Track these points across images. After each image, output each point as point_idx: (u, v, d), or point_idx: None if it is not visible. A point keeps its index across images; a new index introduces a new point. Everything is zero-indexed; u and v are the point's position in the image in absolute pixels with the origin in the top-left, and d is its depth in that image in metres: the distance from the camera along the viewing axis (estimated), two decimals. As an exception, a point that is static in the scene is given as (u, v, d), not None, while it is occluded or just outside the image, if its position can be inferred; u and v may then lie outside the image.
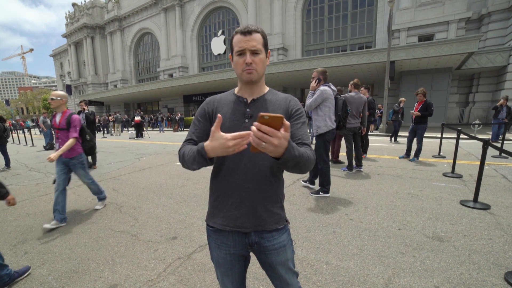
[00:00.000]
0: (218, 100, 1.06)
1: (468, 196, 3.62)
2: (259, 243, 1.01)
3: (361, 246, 2.39)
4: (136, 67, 37.81)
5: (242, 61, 0.93)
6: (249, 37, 0.92)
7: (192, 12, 29.19)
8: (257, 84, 1.01)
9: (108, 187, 4.71)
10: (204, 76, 21.57)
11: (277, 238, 1.02)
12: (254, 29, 0.94)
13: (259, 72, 0.96)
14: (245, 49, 0.93)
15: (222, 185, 1.01)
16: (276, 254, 1.02)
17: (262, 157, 0.96)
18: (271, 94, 1.05)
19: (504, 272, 1.95)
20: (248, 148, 0.87)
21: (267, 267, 1.07)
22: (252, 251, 1.05)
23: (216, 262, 1.08)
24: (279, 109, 1.00)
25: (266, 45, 0.98)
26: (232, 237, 1.02)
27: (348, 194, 3.86)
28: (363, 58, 14.38)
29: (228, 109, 1.01)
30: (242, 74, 0.95)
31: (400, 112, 9.56)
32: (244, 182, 0.97)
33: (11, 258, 2.42)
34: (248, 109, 0.99)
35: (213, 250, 1.08)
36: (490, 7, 15.60)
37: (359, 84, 5.28)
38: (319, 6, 22.35)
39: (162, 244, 2.56)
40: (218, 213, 1.03)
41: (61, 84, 50.78)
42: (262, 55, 0.95)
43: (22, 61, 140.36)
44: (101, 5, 39.70)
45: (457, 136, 4.70)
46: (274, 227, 1.02)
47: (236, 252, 1.04)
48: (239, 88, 1.05)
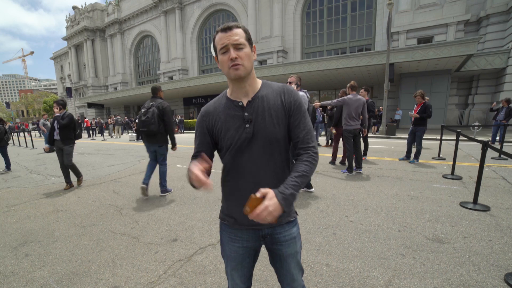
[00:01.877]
0: (213, 110, 1.03)
1: (468, 197, 3.62)
2: (271, 235, 1.05)
3: (361, 248, 2.39)
4: (136, 70, 37.92)
5: (227, 58, 0.91)
6: (230, 33, 0.90)
7: (192, 15, 29.34)
8: (247, 81, 0.97)
9: (108, 189, 4.71)
10: (204, 79, 21.63)
11: (288, 230, 1.06)
12: (234, 24, 0.92)
13: (247, 67, 0.92)
14: (227, 44, 0.90)
15: (233, 182, 1.04)
16: (287, 245, 1.06)
17: (269, 154, 0.98)
18: (265, 88, 1.01)
19: (504, 274, 1.95)
20: (252, 147, 0.95)
21: (276, 259, 1.09)
22: (264, 243, 1.08)
23: (228, 257, 1.09)
24: (276, 108, 0.98)
25: (249, 39, 0.95)
26: (246, 231, 1.05)
27: (348, 196, 3.87)
28: (362, 60, 14.45)
29: (226, 117, 0.99)
30: (229, 71, 0.92)
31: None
32: (254, 179, 0.99)
33: (11, 260, 2.42)
34: (246, 113, 0.97)
35: (226, 244, 1.09)
36: (488, 9, 15.70)
37: (356, 86, 5.29)
38: (318, 9, 22.48)
39: (162, 246, 2.56)
40: (231, 211, 1.06)
41: (62, 86, 50.90)
42: (246, 49, 0.92)
43: (23, 64, 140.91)
44: (101, 8, 39.92)
45: (456, 138, 4.71)
46: (286, 220, 1.05)
47: (249, 245, 1.07)
48: (231, 90, 1.01)
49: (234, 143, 0.97)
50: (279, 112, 0.98)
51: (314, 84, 20.42)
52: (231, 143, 0.98)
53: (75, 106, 40.13)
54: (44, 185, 5.20)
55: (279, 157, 1.01)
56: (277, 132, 0.97)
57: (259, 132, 0.96)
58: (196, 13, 28.89)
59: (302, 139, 0.98)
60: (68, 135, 4.77)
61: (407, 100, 16.44)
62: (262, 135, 0.96)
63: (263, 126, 0.96)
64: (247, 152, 0.97)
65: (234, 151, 0.98)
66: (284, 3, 23.04)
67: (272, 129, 0.96)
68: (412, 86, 16.18)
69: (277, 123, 0.97)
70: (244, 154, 0.98)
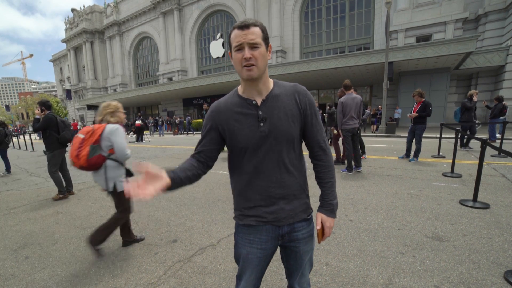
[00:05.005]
0: (224, 107, 1.01)
1: (467, 195, 3.62)
2: (290, 233, 1.05)
3: (360, 247, 2.39)
4: (135, 71, 37.93)
5: (241, 56, 0.89)
6: (246, 31, 0.88)
7: (190, 16, 29.35)
8: (260, 81, 0.96)
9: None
10: (203, 80, 21.64)
11: (306, 227, 1.08)
12: (252, 22, 0.90)
13: (260, 68, 0.91)
14: (243, 43, 0.88)
15: (247, 181, 1.02)
16: (305, 243, 1.07)
17: (285, 151, 0.99)
18: (278, 88, 1.01)
19: (503, 271, 1.95)
20: (267, 145, 0.97)
21: (292, 256, 1.10)
22: (282, 242, 1.07)
23: (244, 260, 1.06)
24: (291, 107, 0.99)
25: (266, 38, 0.93)
26: (265, 232, 1.03)
27: (347, 195, 3.87)
28: (361, 59, 14.45)
29: (238, 116, 0.98)
30: (242, 71, 0.91)
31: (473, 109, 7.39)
32: (269, 177, 0.99)
33: (11, 263, 2.42)
34: (260, 111, 0.96)
35: (242, 247, 1.07)
36: (486, 7, 15.70)
37: (350, 85, 5.28)
38: (316, 9, 22.49)
39: (162, 247, 2.56)
40: (247, 211, 1.04)
41: (61, 89, 50.91)
42: (261, 48, 0.90)
43: (22, 67, 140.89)
44: (100, 10, 39.92)
45: (456, 136, 4.71)
46: (303, 216, 1.06)
47: (267, 247, 1.05)
48: (243, 88, 1.00)
49: (249, 142, 0.97)
50: (294, 111, 0.98)
51: (314, 83, 20.43)
52: (245, 142, 0.97)
53: (75, 108, 40.12)
54: (44, 188, 5.20)
55: (293, 154, 1.02)
56: (293, 131, 0.98)
57: (274, 131, 0.96)
58: (195, 14, 28.91)
59: (318, 140, 1.04)
60: (48, 139, 4.24)
61: (406, 99, 16.42)
62: (278, 133, 0.96)
63: (279, 124, 0.96)
64: (262, 151, 0.97)
65: (249, 150, 0.98)
66: (282, 3, 23.06)
67: (287, 127, 0.97)
68: (411, 85, 16.17)
69: (292, 121, 0.98)
70: (258, 153, 0.97)
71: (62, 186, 4.39)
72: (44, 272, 2.25)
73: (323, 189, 1.07)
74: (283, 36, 23.35)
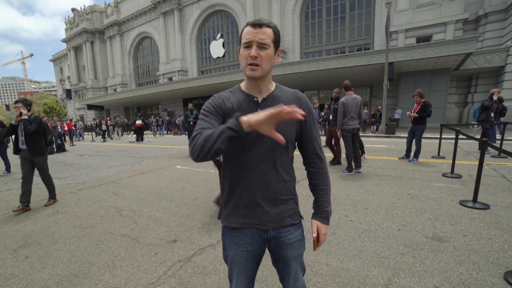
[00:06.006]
0: (227, 97, 1.01)
1: (467, 196, 3.63)
2: (276, 238, 1.04)
3: (360, 247, 2.39)
4: (135, 71, 37.93)
5: (247, 53, 0.90)
6: (258, 30, 0.89)
7: (191, 16, 29.36)
8: (263, 81, 0.97)
9: (108, 190, 4.71)
10: (203, 80, 21.63)
11: (293, 233, 1.06)
12: (265, 22, 0.90)
13: (264, 69, 0.91)
14: (252, 41, 0.89)
15: (237, 179, 1.01)
16: (292, 248, 1.05)
17: (278, 152, 0.98)
18: (279, 90, 1.03)
19: (503, 272, 1.95)
20: (262, 144, 0.96)
21: (280, 261, 1.09)
22: (268, 246, 1.07)
23: (232, 261, 1.07)
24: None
25: (276, 42, 0.93)
26: (250, 234, 1.03)
27: (347, 196, 3.87)
28: (361, 59, 14.45)
29: (238, 109, 0.98)
30: (245, 68, 0.92)
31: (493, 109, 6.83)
32: (260, 177, 0.98)
33: (11, 262, 2.42)
34: (259, 108, 0.97)
35: (229, 249, 1.07)
36: (487, 8, 15.71)
37: (350, 85, 5.28)
38: (317, 9, 22.49)
39: (162, 247, 2.56)
40: (233, 212, 1.04)
41: (61, 88, 50.91)
42: (269, 50, 0.91)
43: (22, 67, 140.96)
44: (100, 10, 39.93)
45: (456, 137, 4.71)
46: (289, 222, 1.04)
47: (253, 249, 1.05)
48: (246, 85, 1.02)
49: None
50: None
51: (314, 84, 20.43)
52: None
53: (75, 108, 40.10)
54: (44, 187, 5.20)
55: (286, 157, 1.02)
56: (289, 133, 0.98)
57: None
58: (195, 14, 28.92)
59: (315, 147, 1.05)
60: (38, 143, 3.86)
61: (406, 99, 16.43)
62: None
63: (277, 124, 0.95)
64: (256, 149, 0.96)
65: (245, 147, 0.96)
66: (282, 3, 23.06)
67: (284, 129, 0.96)
68: (411, 85, 16.18)
69: (289, 124, 0.98)
70: (252, 151, 0.96)
71: (53, 190, 4.19)
72: (44, 271, 2.25)
73: (317, 196, 1.08)
74: (283, 36, 23.35)
